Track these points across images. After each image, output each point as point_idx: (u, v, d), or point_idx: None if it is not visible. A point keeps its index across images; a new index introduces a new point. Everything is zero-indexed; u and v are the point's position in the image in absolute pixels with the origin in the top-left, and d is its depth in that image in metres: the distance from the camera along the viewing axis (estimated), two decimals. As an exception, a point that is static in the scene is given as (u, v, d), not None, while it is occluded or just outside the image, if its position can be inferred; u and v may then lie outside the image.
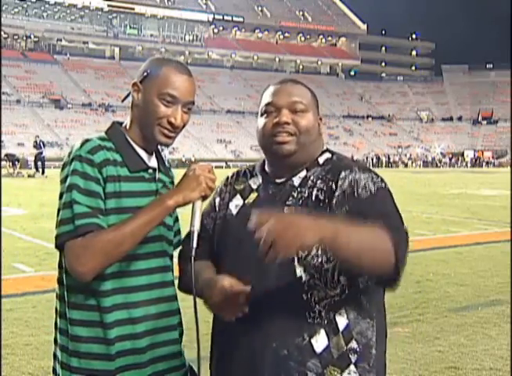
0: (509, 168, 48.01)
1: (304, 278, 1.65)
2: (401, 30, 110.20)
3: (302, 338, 1.64)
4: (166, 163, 1.96)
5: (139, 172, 1.78)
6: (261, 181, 1.83)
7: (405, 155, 68.27)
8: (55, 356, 1.82)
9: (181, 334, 1.96)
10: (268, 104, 1.79)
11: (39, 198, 17.07)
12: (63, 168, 1.73)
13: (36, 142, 30.52)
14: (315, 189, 1.72)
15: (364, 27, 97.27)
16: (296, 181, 1.76)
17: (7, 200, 15.18)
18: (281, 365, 1.63)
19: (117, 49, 79.23)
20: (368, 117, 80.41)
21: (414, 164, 64.83)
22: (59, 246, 1.68)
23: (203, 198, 1.72)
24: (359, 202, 1.64)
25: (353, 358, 1.65)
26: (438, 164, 65.42)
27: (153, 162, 1.85)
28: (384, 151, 68.74)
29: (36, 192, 20.73)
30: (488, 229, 12.38)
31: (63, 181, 1.71)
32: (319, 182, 1.73)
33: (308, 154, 1.78)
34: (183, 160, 54.78)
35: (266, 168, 1.86)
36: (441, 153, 69.94)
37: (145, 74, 1.79)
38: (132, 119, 1.83)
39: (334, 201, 1.68)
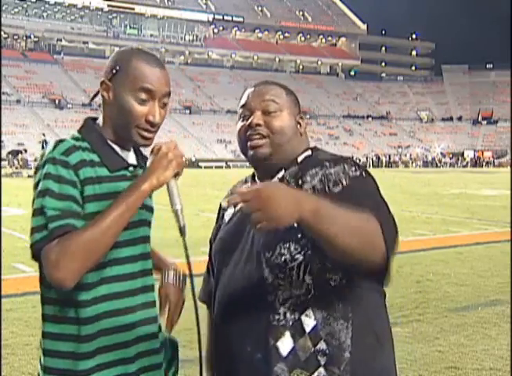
0: (509, 168, 48.00)
1: (269, 279, 1.61)
2: (401, 30, 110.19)
3: (268, 341, 1.59)
4: (146, 156, 1.82)
5: (120, 171, 1.67)
6: (249, 185, 1.80)
7: (405, 155, 68.25)
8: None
9: (160, 328, 1.80)
10: (241, 107, 1.77)
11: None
12: (35, 172, 1.60)
13: (45, 141, 30.28)
14: None
15: (364, 27, 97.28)
16: (275, 180, 1.72)
17: (7, 200, 15.18)
18: (255, 369, 1.61)
19: (117, 49, 78.97)
20: (368, 117, 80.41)
21: (414, 164, 64.81)
22: (36, 255, 1.53)
23: (176, 175, 1.62)
24: (332, 198, 1.51)
25: (322, 360, 1.56)
26: (438, 164, 65.40)
27: (131, 158, 1.74)
28: (384, 151, 68.72)
29: (36, 192, 20.69)
30: (488, 229, 12.38)
31: (35, 185, 1.58)
32: (292, 181, 1.68)
33: (286, 154, 1.73)
34: (184, 160, 54.81)
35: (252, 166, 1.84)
36: (441, 153, 69.91)
37: (113, 70, 1.65)
38: (105, 118, 1.70)
39: None
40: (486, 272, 7.82)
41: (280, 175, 1.72)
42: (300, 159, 1.75)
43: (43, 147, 30.24)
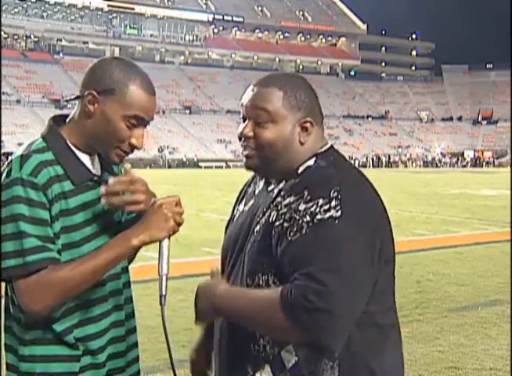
0: (509, 168, 47.98)
1: None
2: (401, 30, 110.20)
3: (246, 371, 1.52)
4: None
5: (84, 183, 1.62)
6: (262, 185, 1.69)
7: (405, 155, 68.25)
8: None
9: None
10: (242, 106, 1.64)
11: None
12: (2, 190, 1.52)
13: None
14: (274, 211, 1.52)
15: (364, 27, 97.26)
16: (275, 192, 1.58)
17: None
18: None
19: (117, 49, 79.16)
20: (368, 117, 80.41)
21: (414, 164, 64.81)
22: (6, 280, 1.55)
23: (170, 235, 1.58)
24: (288, 244, 1.43)
25: None
26: (438, 164, 65.40)
27: (95, 164, 1.69)
28: (384, 151, 68.73)
29: (36, 192, 20.69)
30: (488, 229, 12.38)
31: (3, 205, 1.51)
32: (282, 203, 1.52)
33: (281, 166, 1.58)
34: (184, 160, 54.84)
35: None
36: (441, 153, 69.92)
37: (107, 87, 1.58)
38: (79, 126, 1.63)
39: (273, 233, 1.48)
40: (486, 273, 7.83)
41: (281, 185, 1.58)
42: (301, 169, 1.57)
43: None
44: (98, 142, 1.62)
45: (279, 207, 1.51)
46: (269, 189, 1.62)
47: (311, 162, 1.57)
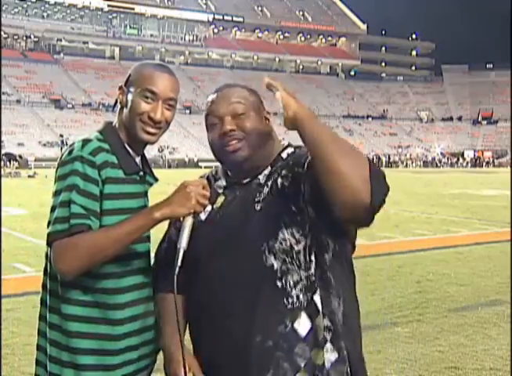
0: (509, 168, 48.00)
1: (275, 266, 1.65)
2: (401, 30, 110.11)
3: (285, 325, 1.63)
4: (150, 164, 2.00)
5: (132, 175, 1.83)
6: (225, 183, 1.83)
7: (405, 155, 68.25)
8: (37, 361, 1.83)
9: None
10: (208, 115, 1.78)
11: (39, 198, 17.07)
12: (61, 166, 1.74)
13: (63, 142, 30.10)
14: (279, 178, 1.72)
15: (364, 27, 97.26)
16: (262, 178, 1.76)
17: (7, 200, 15.19)
18: (268, 357, 1.62)
19: (117, 49, 79.20)
20: (368, 117, 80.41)
21: (414, 164, 64.82)
22: (51, 243, 1.71)
23: (194, 214, 1.69)
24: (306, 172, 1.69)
25: (328, 336, 1.65)
26: (438, 164, 65.41)
27: (141, 164, 1.90)
28: (384, 151, 68.73)
29: (36, 192, 20.73)
30: (488, 229, 12.38)
31: (61, 178, 1.72)
32: (283, 171, 1.73)
33: (266, 153, 1.78)
34: (185, 160, 54.82)
35: (228, 170, 1.85)
36: (441, 153, 69.92)
37: (128, 76, 1.85)
38: (120, 121, 1.86)
39: (302, 182, 1.67)
40: (486, 272, 7.82)
41: (267, 171, 1.77)
42: (284, 155, 1.80)
43: (62, 145, 29.80)
44: (127, 123, 1.82)
45: (287, 171, 1.72)
46: (245, 181, 1.78)
47: (290, 149, 1.82)
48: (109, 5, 77.72)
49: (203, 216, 1.80)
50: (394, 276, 7.51)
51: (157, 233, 1.95)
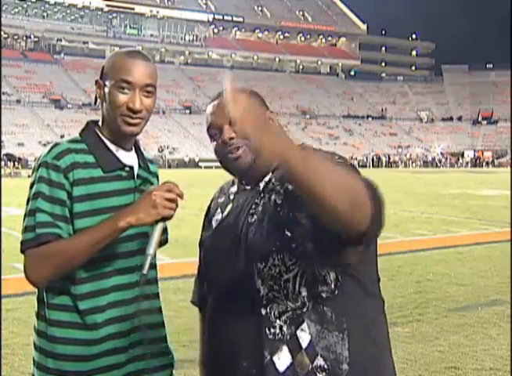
0: (509, 168, 47.99)
1: (262, 291, 1.56)
2: (401, 30, 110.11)
3: (263, 355, 1.54)
4: (148, 157, 1.93)
5: (115, 171, 1.76)
6: (236, 189, 1.77)
7: (405, 155, 68.24)
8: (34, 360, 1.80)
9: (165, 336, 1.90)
10: (209, 128, 1.73)
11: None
12: (32, 173, 1.74)
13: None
14: (273, 193, 1.62)
15: (364, 27, 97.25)
16: (261, 186, 1.67)
17: (7, 200, 15.19)
18: None
19: (117, 49, 78.79)
20: (368, 117, 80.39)
21: (414, 164, 64.80)
22: (23, 252, 1.69)
23: (164, 219, 1.63)
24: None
25: None
26: (438, 164, 65.39)
27: (130, 159, 1.82)
28: (384, 151, 68.71)
29: (36, 192, 20.68)
30: (488, 229, 12.38)
31: (30, 186, 1.72)
32: (277, 185, 1.63)
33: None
34: (185, 160, 54.81)
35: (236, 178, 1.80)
36: (441, 153, 69.91)
37: (102, 68, 1.80)
38: (102, 116, 1.81)
39: (291, 202, 1.56)
40: (486, 273, 7.82)
41: (267, 178, 1.67)
42: None
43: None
44: (109, 119, 1.76)
45: (280, 187, 1.60)
46: (248, 188, 1.70)
47: None
48: (109, 5, 77.72)
49: (214, 225, 1.76)
50: (394, 276, 7.51)
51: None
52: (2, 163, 31.19)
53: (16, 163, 32.56)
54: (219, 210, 1.78)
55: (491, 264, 8.43)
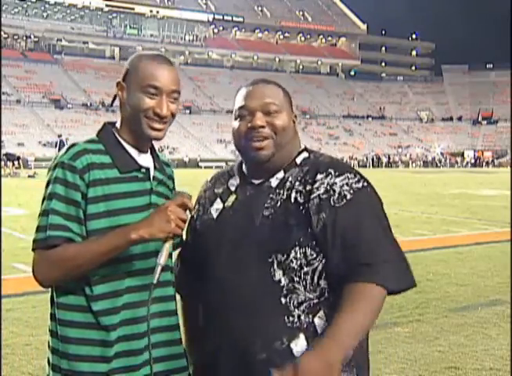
0: (509, 168, 48.00)
1: (283, 282, 1.63)
2: (401, 30, 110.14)
3: (281, 342, 1.61)
4: (164, 160, 1.94)
5: (131, 173, 1.76)
6: (238, 182, 1.80)
7: (405, 155, 68.25)
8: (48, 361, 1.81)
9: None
10: (241, 108, 1.74)
11: (39, 198, 16.96)
12: (47, 173, 1.75)
13: (62, 141, 29.08)
14: (293, 192, 1.69)
15: (364, 27, 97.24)
16: (273, 182, 1.73)
17: (7, 200, 15.18)
18: (259, 369, 1.60)
19: (117, 49, 79.17)
20: (368, 117, 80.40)
21: (414, 164, 64.81)
22: (33, 251, 1.71)
23: (174, 236, 1.67)
24: (335, 211, 1.63)
25: None
26: (438, 164, 65.40)
27: (146, 161, 1.83)
28: (384, 151, 68.73)
29: (36, 192, 20.70)
30: (488, 229, 12.38)
31: (46, 186, 1.73)
32: (297, 183, 1.70)
33: (285, 155, 1.75)
34: (185, 160, 54.82)
35: (244, 168, 1.82)
36: (441, 153, 69.92)
37: (126, 71, 1.78)
38: (122, 118, 1.81)
39: (311, 205, 1.65)
40: (486, 272, 7.82)
41: (280, 175, 1.73)
42: (298, 160, 1.77)
43: (58, 147, 29.12)
44: (132, 121, 1.77)
45: (302, 187, 1.68)
46: (256, 182, 1.75)
47: (305, 154, 1.79)
48: (109, 5, 77.71)
49: (214, 215, 1.79)
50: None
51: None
52: (2, 163, 31.11)
53: (16, 163, 32.51)
54: (219, 200, 1.80)
55: (491, 264, 8.43)
